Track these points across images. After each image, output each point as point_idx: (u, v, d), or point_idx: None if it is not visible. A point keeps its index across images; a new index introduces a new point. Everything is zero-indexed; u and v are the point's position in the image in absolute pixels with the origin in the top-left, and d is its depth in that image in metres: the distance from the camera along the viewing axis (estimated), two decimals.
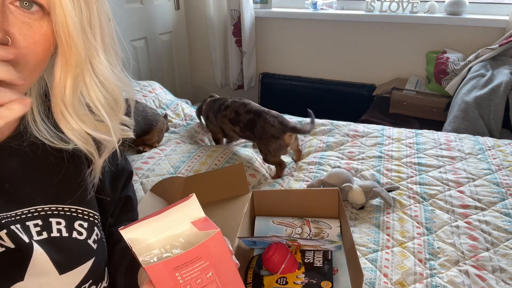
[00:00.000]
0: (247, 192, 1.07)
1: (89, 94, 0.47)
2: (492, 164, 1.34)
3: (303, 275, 0.81)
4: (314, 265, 0.84)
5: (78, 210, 0.54)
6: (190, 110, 2.00)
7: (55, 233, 0.51)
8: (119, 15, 2.36)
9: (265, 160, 1.42)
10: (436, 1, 2.25)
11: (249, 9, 2.61)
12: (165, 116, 1.76)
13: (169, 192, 1.15)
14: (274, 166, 1.43)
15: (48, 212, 0.51)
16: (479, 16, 2.16)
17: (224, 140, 1.64)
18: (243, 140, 1.62)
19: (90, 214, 0.56)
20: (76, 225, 0.53)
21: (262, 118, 1.39)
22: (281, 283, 0.80)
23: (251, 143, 1.59)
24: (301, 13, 2.57)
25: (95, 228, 0.56)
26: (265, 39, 2.77)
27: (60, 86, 0.44)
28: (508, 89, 1.78)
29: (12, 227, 0.47)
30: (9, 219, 0.47)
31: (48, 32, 0.41)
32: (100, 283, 0.57)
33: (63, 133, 0.49)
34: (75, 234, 0.53)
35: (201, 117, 1.68)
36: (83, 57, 0.43)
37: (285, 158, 1.52)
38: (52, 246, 0.50)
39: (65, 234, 0.52)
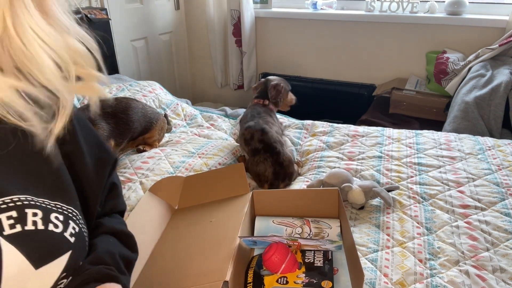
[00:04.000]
0: (247, 192, 1.07)
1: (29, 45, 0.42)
2: (492, 164, 1.34)
3: (304, 275, 0.81)
4: (315, 265, 0.84)
5: (51, 204, 0.52)
6: (190, 110, 2.00)
7: (29, 226, 0.48)
8: (119, 15, 2.36)
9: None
10: (436, 1, 2.25)
11: (249, 9, 2.61)
12: (165, 116, 1.76)
13: (168, 192, 1.15)
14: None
15: (24, 203, 0.48)
16: (479, 16, 2.16)
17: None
18: None
19: (63, 208, 0.54)
20: (52, 217, 0.51)
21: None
22: (281, 283, 0.80)
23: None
24: (301, 13, 2.57)
25: (70, 221, 0.54)
26: (265, 39, 2.77)
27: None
28: (508, 89, 1.78)
29: None
30: None
31: None
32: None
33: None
34: (51, 227, 0.50)
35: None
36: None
37: None
38: (25, 241, 0.47)
39: (40, 227, 0.49)
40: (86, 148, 0.60)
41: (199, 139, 1.65)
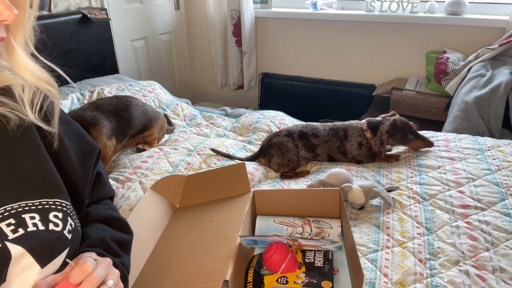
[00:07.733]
0: (248, 191, 1.07)
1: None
2: (492, 164, 1.34)
3: (304, 275, 0.81)
4: (315, 265, 0.84)
5: (50, 202, 0.53)
6: (190, 110, 2.00)
7: (31, 228, 0.50)
8: (119, 15, 2.36)
9: None
10: (436, 1, 2.25)
11: (249, 9, 2.61)
12: (166, 116, 1.76)
13: (170, 191, 1.15)
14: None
15: (19, 210, 0.50)
16: (479, 16, 2.16)
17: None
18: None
19: (63, 204, 0.55)
20: (51, 216, 0.53)
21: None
22: (281, 283, 0.80)
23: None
24: (301, 13, 2.57)
25: (68, 218, 0.55)
26: (265, 39, 2.77)
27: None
28: (508, 89, 1.78)
29: None
30: None
31: None
32: None
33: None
34: (51, 226, 0.52)
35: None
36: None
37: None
38: (31, 241, 0.49)
39: (41, 227, 0.51)
40: (68, 142, 0.60)
41: (197, 137, 1.65)
